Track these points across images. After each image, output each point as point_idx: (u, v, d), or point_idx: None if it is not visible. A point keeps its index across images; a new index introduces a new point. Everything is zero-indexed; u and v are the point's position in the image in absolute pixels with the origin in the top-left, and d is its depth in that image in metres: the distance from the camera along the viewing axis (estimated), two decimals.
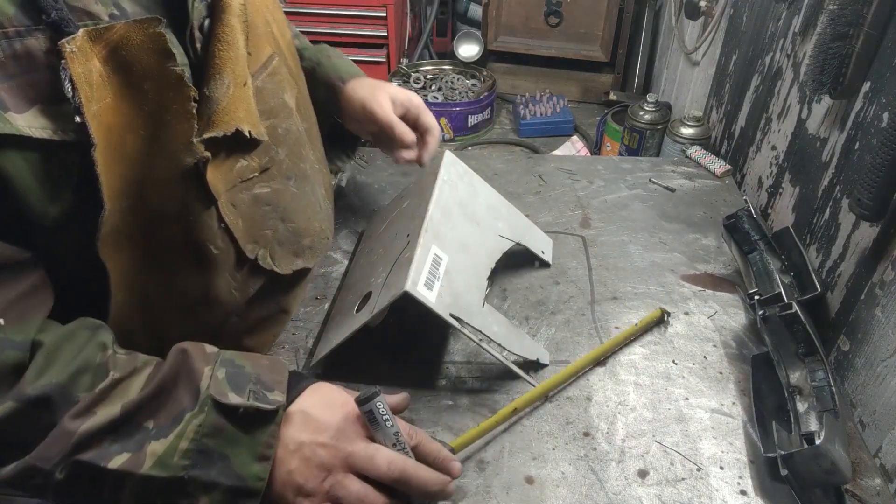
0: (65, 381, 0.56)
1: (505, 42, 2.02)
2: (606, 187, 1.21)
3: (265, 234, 0.75)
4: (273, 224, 0.76)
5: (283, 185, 0.76)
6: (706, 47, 1.45)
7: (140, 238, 0.64)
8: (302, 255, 0.82)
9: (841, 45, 0.81)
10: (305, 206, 0.82)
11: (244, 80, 0.67)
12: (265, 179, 0.73)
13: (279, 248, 0.78)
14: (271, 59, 0.75)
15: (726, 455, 0.74)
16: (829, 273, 0.89)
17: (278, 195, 0.75)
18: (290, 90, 0.78)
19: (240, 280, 0.74)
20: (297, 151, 0.79)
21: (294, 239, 0.80)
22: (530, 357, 0.82)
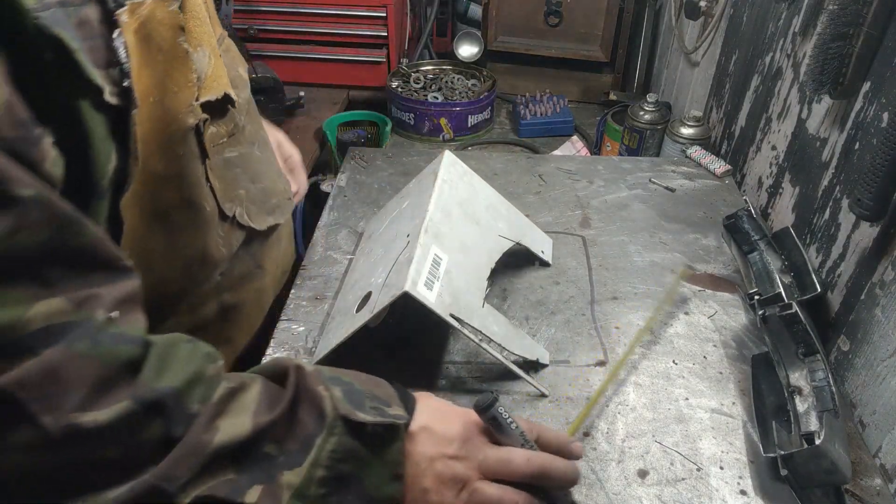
0: (180, 387, 0.51)
1: (505, 42, 2.02)
2: (606, 187, 1.21)
3: (239, 194, 0.81)
4: (245, 185, 0.82)
5: (248, 149, 0.82)
6: (706, 47, 1.45)
7: (147, 198, 0.67)
8: (273, 213, 0.89)
9: (841, 45, 0.81)
10: (269, 169, 0.89)
11: (217, 52, 0.74)
12: (233, 144, 0.79)
13: (252, 206, 0.83)
14: (223, 37, 0.81)
15: (726, 455, 0.74)
16: (829, 273, 0.89)
17: (245, 159, 0.81)
18: (241, 66, 0.85)
19: (224, 236, 0.79)
20: (255, 120, 0.87)
21: (264, 198, 0.86)
22: (530, 357, 0.82)
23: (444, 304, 0.74)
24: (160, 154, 0.67)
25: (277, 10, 1.91)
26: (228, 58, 0.81)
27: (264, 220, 0.86)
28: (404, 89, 1.86)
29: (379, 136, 1.85)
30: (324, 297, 0.95)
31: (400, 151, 1.33)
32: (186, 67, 0.66)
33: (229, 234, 0.80)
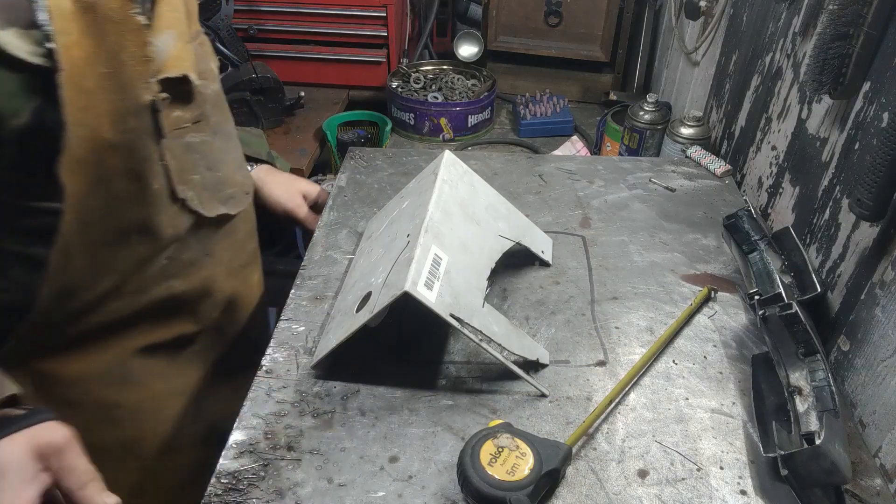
0: None
1: (505, 42, 2.02)
2: (606, 187, 1.21)
3: (194, 179, 0.84)
4: (201, 171, 0.85)
5: (210, 137, 0.86)
6: (706, 47, 1.45)
7: (92, 164, 0.72)
8: (226, 203, 0.91)
9: (841, 45, 0.81)
10: (230, 160, 0.92)
11: (187, 38, 0.78)
12: (196, 130, 0.82)
13: (205, 192, 0.86)
14: (198, 33, 0.87)
15: (726, 455, 0.74)
16: (829, 273, 0.90)
17: (206, 146, 0.85)
18: (213, 61, 0.90)
19: (171, 216, 0.82)
20: (222, 112, 0.91)
21: (219, 186, 0.89)
22: (530, 357, 0.82)
23: (445, 304, 0.74)
24: (111, 124, 0.71)
25: (277, 10, 1.91)
26: (202, 51, 0.85)
27: (215, 208, 0.89)
28: (404, 89, 1.86)
29: (379, 136, 1.85)
30: (324, 297, 0.95)
31: (400, 151, 1.33)
32: (141, 41, 0.70)
33: (178, 215, 0.83)
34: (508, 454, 0.67)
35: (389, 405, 0.79)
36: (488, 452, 0.67)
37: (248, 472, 0.72)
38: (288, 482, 0.71)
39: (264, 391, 0.81)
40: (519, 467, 0.66)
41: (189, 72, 0.77)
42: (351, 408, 0.79)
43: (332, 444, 0.75)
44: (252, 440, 0.75)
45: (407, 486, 0.71)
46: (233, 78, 1.78)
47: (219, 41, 1.83)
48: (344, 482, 0.71)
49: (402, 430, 0.77)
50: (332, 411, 0.79)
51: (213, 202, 0.88)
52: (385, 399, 0.80)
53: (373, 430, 0.77)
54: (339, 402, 0.80)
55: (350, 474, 0.72)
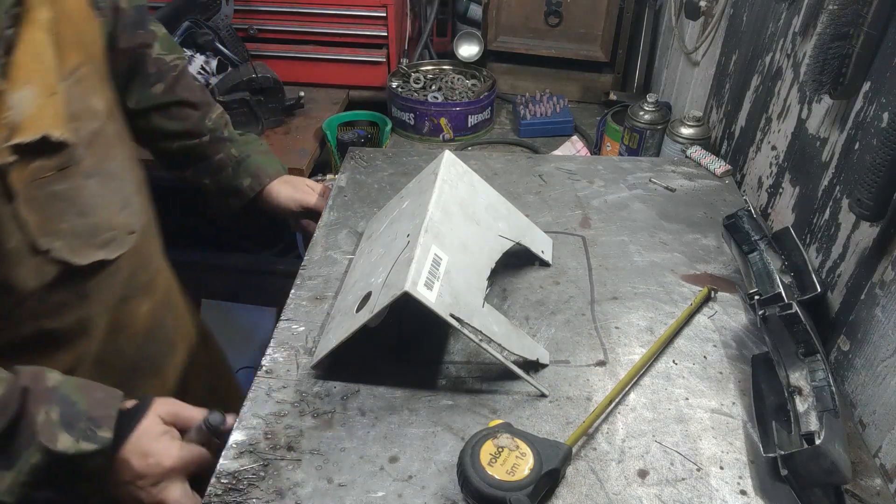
0: None
1: (505, 42, 2.02)
2: (606, 187, 1.21)
3: (62, 228, 0.80)
4: (70, 218, 0.81)
5: (81, 182, 0.81)
6: (706, 47, 1.45)
7: None
8: (104, 248, 0.87)
9: (841, 45, 0.81)
10: (109, 203, 0.87)
11: (52, 89, 0.75)
12: (63, 177, 0.78)
13: (77, 240, 0.82)
14: (79, 66, 0.81)
15: (726, 455, 0.74)
16: (829, 273, 0.89)
17: (76, 192, 0.81)
18: (99, 95, 0.85)
19: (33, 268, 0.78)
20: (104, 152, 0.85)
21: (93, 232, 0.85)
22: (530, 357, 0.82)
23: (445, 304, 0.74)
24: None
25: (277, 10, 1.91)
26: (81, 89, 0.80)
27: (89, 255, 0.84)
28: (404, 89, 1.86)
29: (379, 136, 1.85)
30: (324, 297, 0.95)
31: (400, 151, 1.33)
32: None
33: (41, 267, 0.79)
34: (508, 454, 0.67)
35: (389, 405, 0.79)
36: (488, 452, 0.67)
37: (248, 473, 0.72)
38: (288, 482, 0.71)
39: (264, 391, 0.81)
40: (519, 467, 0.66)
41: (50, 130, 0.73)
42: (351, 408, 0.79)
43: (332, 444, 0.75)
44: (252, 440, 0.75)
45: (407, 486, 0.71)
46: (233, 78, 1.77)
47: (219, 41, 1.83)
48: (344, 482, 0.71)
49: (402, 430, 0.77)
50: (332, 411, 0.79)
51: (87, 249, 0.84)
52: (385, 399, 0.80)
53: (373, 430, 0.77)
54: (339, 402, 0.80)
55: (350, 474, 0.72)
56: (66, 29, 0.78)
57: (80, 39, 0.81)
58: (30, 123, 0.71)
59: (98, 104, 0.84)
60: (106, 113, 0.86)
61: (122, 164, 0.90)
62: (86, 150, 0.81)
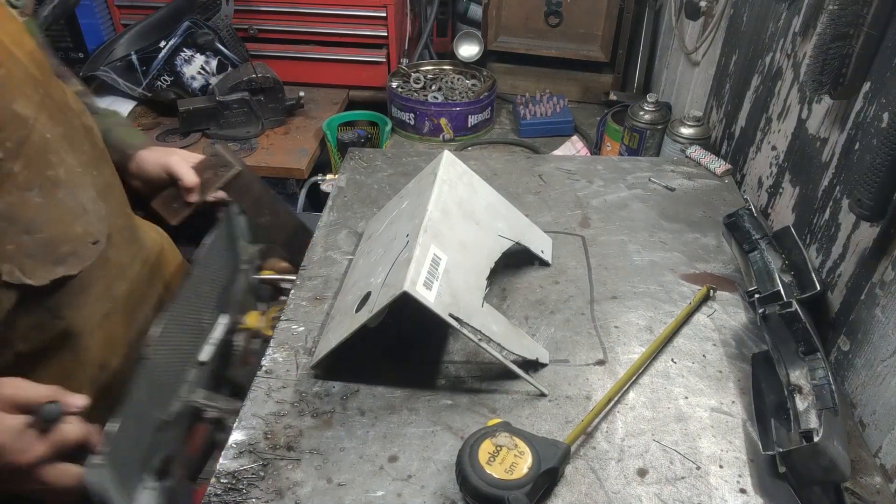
0: None
1: (505, 42, 2.02)
2: (606, 187, 1.21)
3: (8, 250, 0.74)
4: (16, 238, 0.74)
5: (21, 197, 0.74)
6: (706, 47, 1.45)
7: None
8: (63, 263, 0.80)
9: (841, 45, 0.81)
10: (59, 214, 0.79)
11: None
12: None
13: (29, 259, 0.76)
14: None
15: (726, 454, 0.74)
16: (830, 273, 0.89)
17: (16, 208, 0.74)
18: (25, 99, 0.76)
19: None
20: (42, 160, 0.78)
21: (47, 248, 0.78)
22: (530, 357, 0.82)
23: (444, 304, 0.74)
24: None
25: (277, 10, 1.92)
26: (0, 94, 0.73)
27: (48, 273, 0.78)
28: (404, 89, 1.86)
29: (379, 136, 1.85)
30: (324, 297, 0.95)
31: (400, 151, 1.33)
32: None
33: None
34: (507, 453, 0.67)
35: (389, 405, 0.80)
36: (487, 451, 0.67)
37: (248, 472, 0.72)
38: (287, 482, 0.71)
39: (264, 391, 0.81)
40: (517, 466, 0.66)
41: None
42: (350, 408, 0.79)
43: (332, 443, 0.75)
44: (252, 440, 0.75)
45: (406, 485, 0.71)
46: (233, 78, 1.78)
47: (219, 41, 1.83)
48: (343, 482, 0.71)
49: (401, 429, 0.77)
50: (331, 411, 0.79)
51: (43, 267, 0.77)
52: (384, 399, 0.80)
53: (372, 429, 0.77)
54: (339, 402, 0.80)
55: (349, 474, 0.72)
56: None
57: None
58: None
59: (25, 109, 0.75)
60: (40, 117, 0.78)
61: (73, 171, 0.82)
62: (17, 161, 0.73)
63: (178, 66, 1.81)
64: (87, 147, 0.87)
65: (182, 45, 1.79)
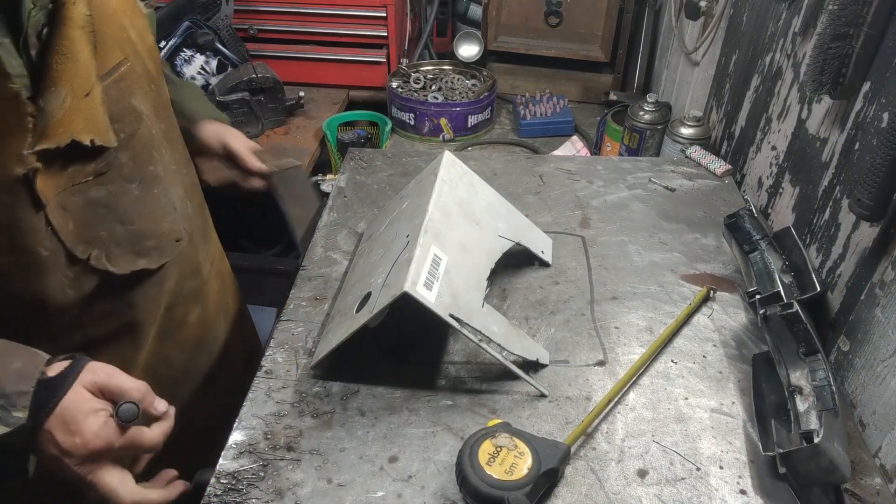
0: None
1: (505, 42, 2.02)
2: (606, 187, 1.21)
3: (100, 235, 0.76)
4: (109, 226, 0.77)
5: (122, 187, 0.77)
6: (706, 47, 1.45)
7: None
8: (146, 256, 0.82)
9: (841, 45, 0.81)
10: (152, 209, 0.82)
11: (86, 90, 0.69)
12: (102, 182, 0.74)
13: (116, 248, 0.78)
14: (120, 65, 0.76)
15: (726, 455, 0.74)
16: (829, 273, 0.89)
17: (116, 198, 0.77)
18: (141, 94, 0.79)
19: (71, 278, 0.75)
20: (146, 154, 0.81)
21: (134, 240, 0.80)
22: (530, 357, 0.82)
23: (444, 305, 0.74)
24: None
25: (277, 10, 1.91)
26: (121, 89, 0.76)
27: (130, 263, 0.81)
28: (404, 89, 1.86)
29: (379, 136, 1.85)
30: (324, 298, 0.95)
31: (400, 152, 1.33)
32: (19, 111, 0.63)
33: (80, 277, 0.76)
34: (507, 454, 0.67)
35: (389, 405, 0.79)
36: (486, 452, 0.67)
37: (248, 473, 0.72)
38: (287, 482, 0.71)
39: (264, 391, 0.81)
40: (517, 467, 0.66)
41: (79, 135, 0.69)
42: (350, 408, 0.79)
43: (332, 444, 0.75)
44: (252, 440, 0.75)
45: (406, 485, 0.71)
46: (233, 78, 1.78)
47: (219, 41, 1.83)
48: (343, 482, 0.71)
49: (401, 430, 0.77)
50: (331, 411, 0.79)
51: (127, 257, 0.80)
52: (385, 399, 0.80)
53: (372, 430, 0.77)
54: (339, 403, 0.80)
55: (349, 474, 0.72)
56: (107, 25, 0.74)
57: (122, 35, 0.77)
58: (57, 128, 0.67)
59: (140, 104, 0.79)
60: (150, 113, 0.81)
61: (168, 168, 0.85)
62: (126, 153, 0.77)
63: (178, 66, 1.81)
64: (180, 146, 0.91)
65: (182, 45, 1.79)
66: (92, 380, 0.68)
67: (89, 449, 0.66)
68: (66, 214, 0.72)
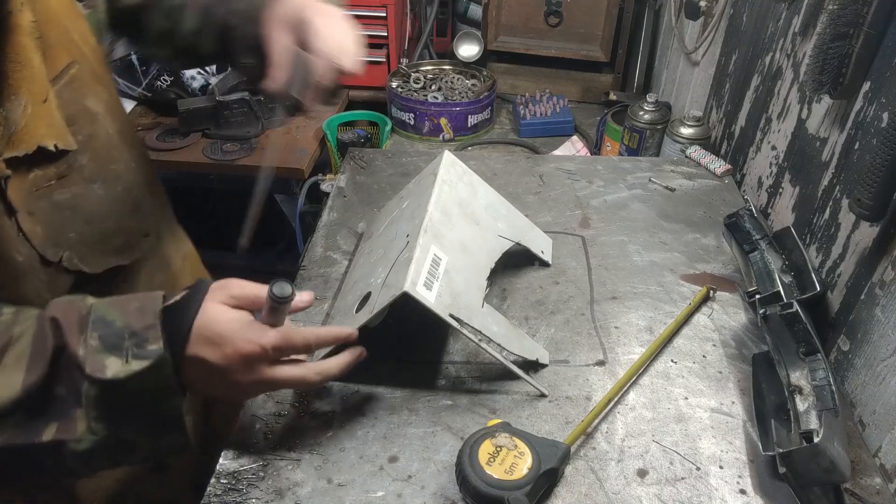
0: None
1: (505, 42, 2.02)
2: (606, 187, 1.21)
3: (69, 238, 0.77)
4: (77, 227, 0.77)
5: (85, 188, 0.78)
6: (706, 47, 1.45)
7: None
8: (118, 253, 0.83)
9: (841, 45, 0.81)
10: (118, 207, 0.83)
11: (43, 96, 0.70)
12: (65, 185, 0.75)
13: (86, 248, 0.79)
14: (69, 67, 0.76)
15: (726, 454, 0.74)
16: (829, 273, 0.89)
17: (81, 199, 0.77)
18: (93, 95, 0.80)
19: (46, 281, 0.75)
20: (106, 154, 0.81)
21: (104, 239, 0.81)
22: (530, 357, 0.82)
23: (444, 305, 0.74)
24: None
25: None
26: (73, 91, 0.76)
27: (103, 262, 0.81)
28: (404, 89, 1.86)
29: (379, 136, 1.85)
30: (324, 298, 0.95)
31: (400, 151, 1.33)
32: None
33: (54, 279, 0.76)
34: (507, 453, 0.67)
35: (389, 405, 0.80)
36: (486, 452, 0.67)
37: (248, 473, 0.72)
38: (287, 482, 0.71)
39: None
40: (517, 466, 0.66)
41: (44, 140, 0.70)
42: (350, 408, 0.79)
43: (332, 443, 0.75)
44: (252, 440, 0.75)
45: (406, 485, 0.71)
46: (233, 78, 1.78)
47: None
48: (343, 482, 0.71)
49: (401, 430, 0.77)
50: (331, 411, 0.79)
51: (99, 256, 0.81)
52: (384, 399, 0.80)
53: (372, 430, 0.77)
54: (339, 403, 0.80)
55: (349, 474, 0.72)
56: (51, 29, 0.74)
57: (66, 38, 0.77)
58: (23, 135, 0.68)
59: (93, 105, 0.80)
60: (103, 113, 0.82)
61: (129, 165, 0.86)
62: (85, 154, 0.77)
63: None
64: (136, 143, 0.90)
65: None
66: (225, 295, 0.67)
67: (242, 354, 0.65)
68: (33, 219, 0.72)
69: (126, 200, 0.85)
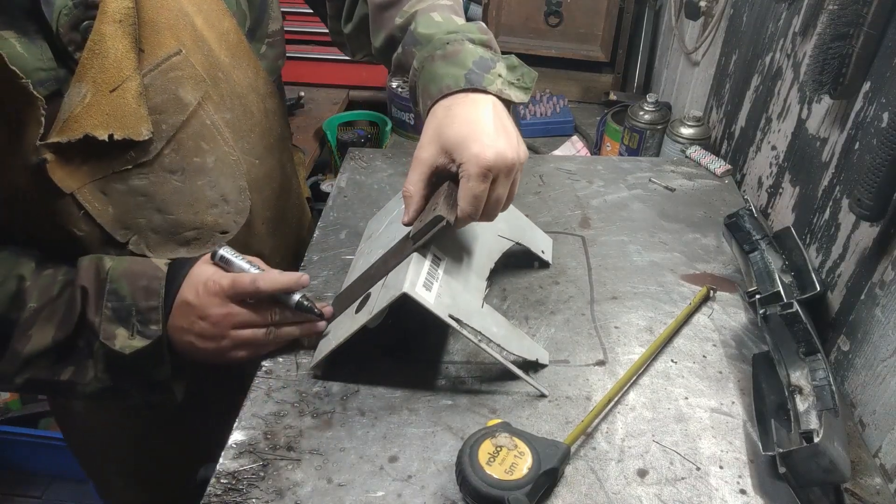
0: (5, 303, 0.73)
1: (505, 42, 2.02)
2: (606, 187, 1.21)
3: (139, 222, 0.81)
4: (147, 214, 0.81)
5: (162, 178, 0.80)
6: (706, 47, 1.45)
7: (7, 223, 0.77)
8: (187, 245, 0.85)
9: (841, 45, 0.81)
10: (193, 200, 0.83)
11: (112, 85, 0.71)
12: (143, 172, 0.78)
13: (154, 235, 0.82)
14: (171, 55, 0.75)
15: (726, 454, 0.74)
16: (829, 273, 0.89)
17: (155, 187, 0.80)
18: (193, 84, 0.78)
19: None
20: (193, 146, 0.80)
21: (173, 230, 0.83)
22: (530, 357, 0.82)
23: (443, 305, 0.74)
24: (13, 185, 0.72)
25: None
26: (166, 80, 0.76)
27: (170, 252, 0.83)
28: (404, 89, 1.86)
29: (379, 136, 1.85)
30: (324, 298, 0.95)
31: (400, 151, 1.33)
32: (32, 105, 0.67)
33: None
34: (507, 453, 0.67)
35: (389, 405, 0.80)
36: (486, 452, 0.67)
37: (248, 473, 0.72)
38: (287, 482, 0.71)
39: (264, 391, 0.81)
40: (517, 466, 0.66)
41: (94, 130, 0.71)
42: (350, 408, 0.79)
43: (332, 444, 0.75)
44: (252, 440, 0.75)
45: (406, 485, 0.71)
46: None
47: None
48: (343, 482, 0.71)
49: (401, 429, 0.77)
50: (331, 411, 0.79)
51: (166, 245, 0.83)
52: (384, 399, 0.80)
53: (372, 430, 0.77)
54: (339, 403, 0.80)
55: (349, 474, 0.72)
56: (161, 14, 0.74)
57: (180, 23, 0.75)
58: (72, 123, 0.70)
59: (189, 95, 0.78)
60: (206, 103, 0.80)
61: (226, 158, 0.83)
62: (168, 144, 0.78)
63: None
64: (256, 134, 0.88)
65: None
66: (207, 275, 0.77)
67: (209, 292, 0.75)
68: (106, 200, 0.77)
69: (205, 195, 0.83)
